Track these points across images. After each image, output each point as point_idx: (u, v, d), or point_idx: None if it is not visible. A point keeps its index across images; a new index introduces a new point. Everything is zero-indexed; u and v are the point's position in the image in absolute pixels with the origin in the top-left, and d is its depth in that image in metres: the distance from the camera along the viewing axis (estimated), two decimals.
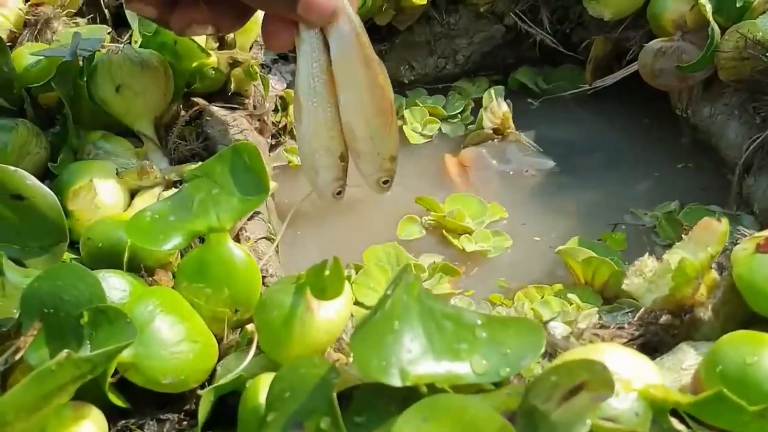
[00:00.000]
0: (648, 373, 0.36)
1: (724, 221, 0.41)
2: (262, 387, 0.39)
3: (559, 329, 0.43)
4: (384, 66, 0.63)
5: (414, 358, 0.36)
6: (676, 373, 0.39)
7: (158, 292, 0.45)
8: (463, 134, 0.82)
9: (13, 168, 0.46)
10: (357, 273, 0.61)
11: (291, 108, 0.78)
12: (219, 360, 0.46)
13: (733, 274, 0.40)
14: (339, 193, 0.66)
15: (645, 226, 0.67)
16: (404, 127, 0.81)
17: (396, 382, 0.35)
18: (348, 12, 0.59)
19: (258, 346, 0.44)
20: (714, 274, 0.42)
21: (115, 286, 0.46)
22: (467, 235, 0.66)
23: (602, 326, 0.47)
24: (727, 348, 0.36)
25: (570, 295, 0.55)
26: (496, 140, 0.77)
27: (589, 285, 0.58)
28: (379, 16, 0.82)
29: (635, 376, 0.35)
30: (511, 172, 0.75)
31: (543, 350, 0.38)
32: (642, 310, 0.46)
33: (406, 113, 0.83)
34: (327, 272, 0.40)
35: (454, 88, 0.89)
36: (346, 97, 0.61)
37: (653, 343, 0.44)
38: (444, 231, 0.68)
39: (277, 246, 0.64)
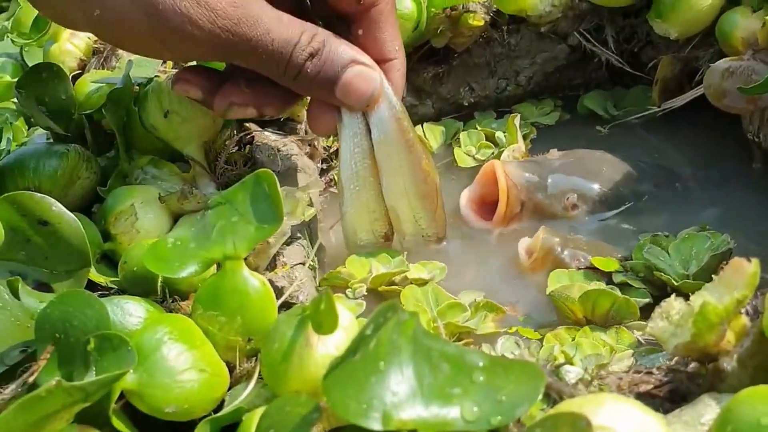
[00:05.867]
0: (650, 429, 0.33)
1: (755, 262, 0.37)
2: (255, 421, 0.39)
3: (572, 373, 0.40)
4: (427, 150, 0.64)
5: (399, 402, 0.34)
6: (693, 427, 0.36)
7: (171, 320, 0.46)
8: None
9: (40, 195, 0.48)
10: None
11: None
12: (230, 389, 0.46)
13: (763, 322, 0.37)
14: None
15: None
16: (455, 150, 0.80)
17: (376, 426, 0.33)
18: (388, 96, 0.60)
19: (261, 378, 0.43)
20: (744, 320, 0.38)
21: (132, 312, 0.47)
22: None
23: (635, 371, 0.44)
24: (742, 405, 0.33)
25: (603, 337, 0.52)
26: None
27: (590, 321, 0.54)
28: (435, 38, 0.81)
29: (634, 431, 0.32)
30: (548, 195, 0.69)
31: (541, 396, 0.35)
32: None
33: (463, 135, 0.81)
34: (322, 306, 0.39)
35: (515, 111, 0.86)
36: (388, 181, 0.62)
37: (681, 391, 0.41)
38: None
39: (315, 272, 0.64)
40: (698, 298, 0.39)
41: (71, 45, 0.80)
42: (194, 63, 0.67)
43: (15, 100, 0.87)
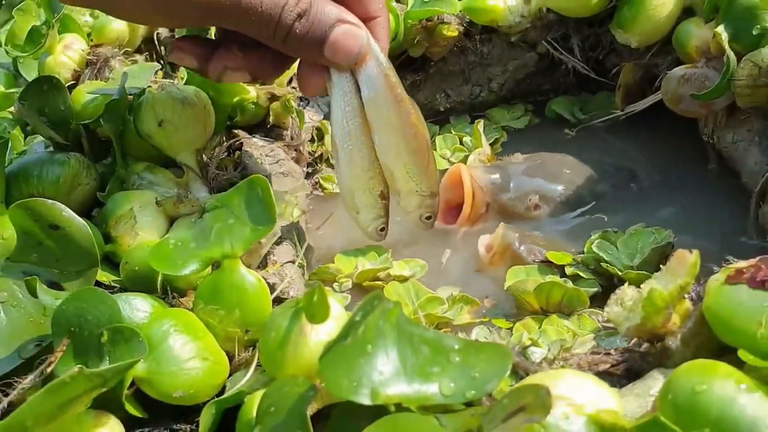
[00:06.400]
0: (603, 399, 0.38)
1: (695, 253, 0.42)
2: (256, 402, 0.43)
3: (538, 354, 0.45)
4: (417, 105, 0.65)
5: (385, 380, 0.39)
6: (643, 399, 0.41)
7: (175, 314, 0.50)
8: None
9: (51, 201, 0.52)
10: None
11: (327, 138, 0.83)
12: (230, 376, 0.51)
13: (703, 305, 0.42)
14: (382, 230, 0.69)
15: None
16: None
17: (365, 400, 0.38)
18: (375, 53, 0.62)
19: (260, 365, 0.48)
20: (687, 304, 0.44)
21: (138, 307, 0.51)
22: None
23: (594, 352, 0.49)
24: (680, 378, 0.38)
25: (567, 324, 0.57)
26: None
27: (546, 310, 0.60)
28: (412, 48, 0.86)
29: (589, 401, 0.37)
30: (511, 197, 0.74)
31: (509, 373, 0.40)
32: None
33: (438, 139, 0.86)
34: (315, 298, 0.43)
35: (487, 116, 0.91)
36: (379, 138, 0.64)
37: (635, 369, 0.46)
38: None
39: (304, 269, 0.68)
40: (647, 285, 0.44)
41: (66, 57, 0.83)
42: (188, 33, 0.70)
43: (10, 110, 0.90)
